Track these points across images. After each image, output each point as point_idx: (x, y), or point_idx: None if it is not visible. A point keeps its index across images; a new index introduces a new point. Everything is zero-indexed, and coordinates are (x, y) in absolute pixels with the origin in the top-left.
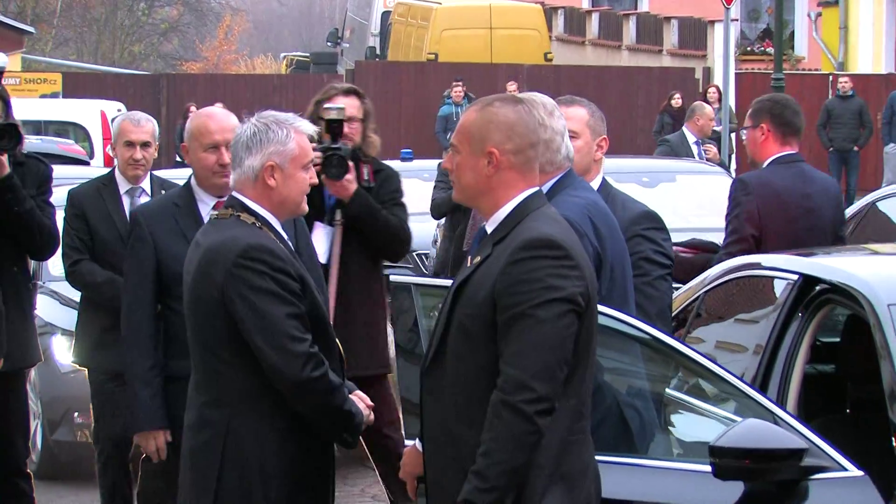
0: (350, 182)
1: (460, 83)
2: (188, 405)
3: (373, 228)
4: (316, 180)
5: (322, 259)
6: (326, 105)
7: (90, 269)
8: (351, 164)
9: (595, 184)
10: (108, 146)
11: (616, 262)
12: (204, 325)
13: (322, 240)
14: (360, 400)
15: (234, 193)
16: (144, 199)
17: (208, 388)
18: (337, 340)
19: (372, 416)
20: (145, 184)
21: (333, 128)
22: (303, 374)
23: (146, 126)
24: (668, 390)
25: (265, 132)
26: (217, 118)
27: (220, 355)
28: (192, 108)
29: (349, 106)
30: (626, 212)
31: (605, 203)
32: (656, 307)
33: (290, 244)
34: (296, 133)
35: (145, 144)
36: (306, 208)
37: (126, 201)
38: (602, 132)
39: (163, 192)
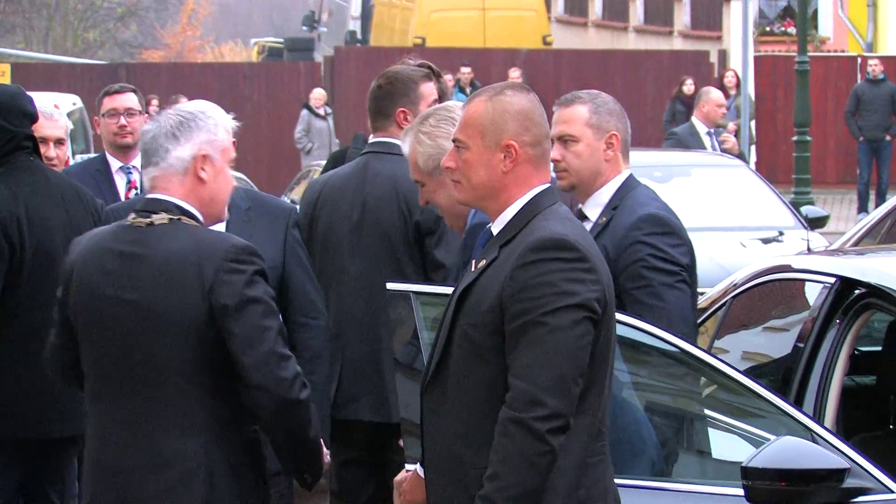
0: None
1: (469, 67)
2: (123, 444)
3: None
4: (234, 182)
5: None
6: None
7: None
8: None
9: (613, 186)
10: None
11: None
12: (174, 348)
13: None
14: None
15: (158, 195)
16: None
17: (176, 418)
18: None
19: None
20: None
21: None
22: (291, 394)
23: (60, 120)
24: (693, 406)
25: (193, 119)
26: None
27: (196, 379)
28: (155, 102)
29: (417, 83)
30: (630, 216)
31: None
32: (665, 320)
33: None
34: (223, 124)
35: (59, 142)
36: (227, 214)
37: None
38: (610, 128)
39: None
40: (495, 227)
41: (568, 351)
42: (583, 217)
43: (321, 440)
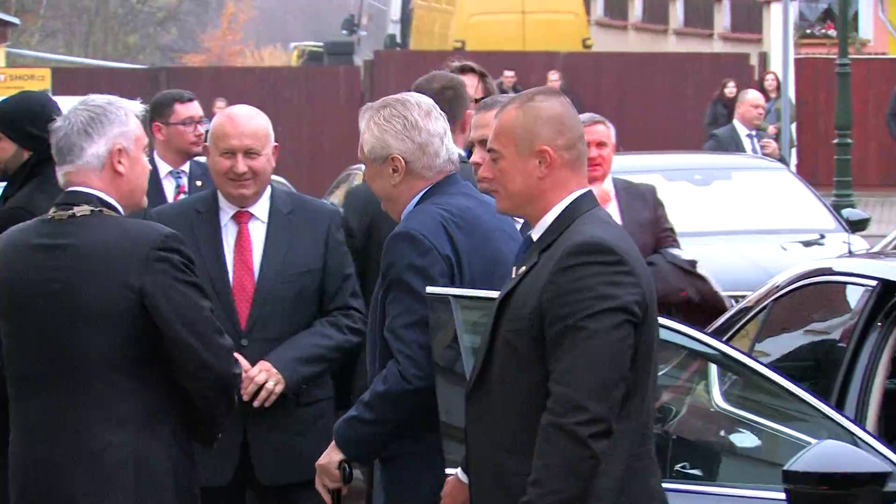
0: None
1: (513, 71)
2: (53, 438)
3: None
4: (150, 167)
5: None
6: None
7: None
8: None
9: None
10: None
11: (479, 274)
12: (102, 338)
13: None
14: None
15: (78, 188)
16: None
17: (106, 410)
18: None
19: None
20: None
21: None
22: (230, 369)
23: None
24: (736, 410)
25: (103, 114)
26: (237, 120)
27: (125, 370)
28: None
29: (466, 86)
30: None
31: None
32: None
33: None
34: (132, 112)
35: None
36: (146, 202)
37: None
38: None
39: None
40: (535, 233)
41: (608, 355)
42: None
43: None
